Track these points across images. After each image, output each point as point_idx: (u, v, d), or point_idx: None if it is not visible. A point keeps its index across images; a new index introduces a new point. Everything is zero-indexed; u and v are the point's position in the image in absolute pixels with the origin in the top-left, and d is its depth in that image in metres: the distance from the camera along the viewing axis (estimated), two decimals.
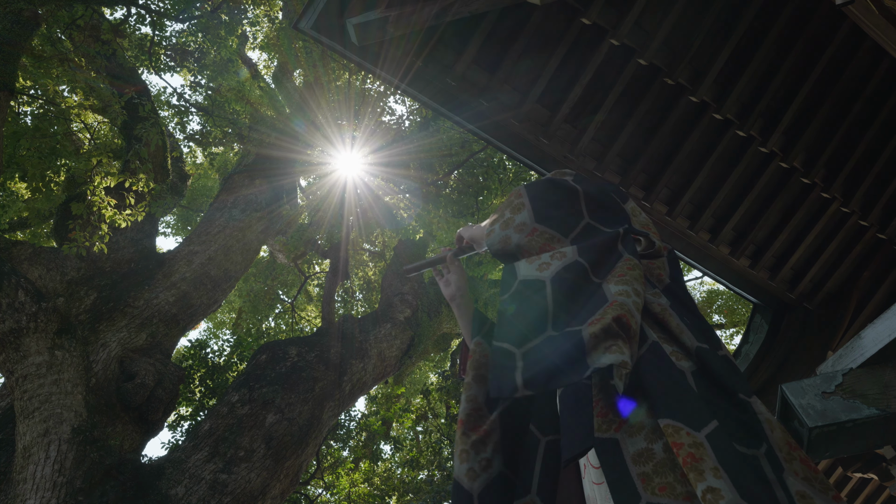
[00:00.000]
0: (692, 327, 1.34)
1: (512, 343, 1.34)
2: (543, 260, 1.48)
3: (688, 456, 1.08)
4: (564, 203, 1.62)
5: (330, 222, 11.28)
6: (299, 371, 7.08)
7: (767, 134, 4.05)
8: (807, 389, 2.25)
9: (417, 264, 1.96)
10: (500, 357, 1.32)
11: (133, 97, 8.44)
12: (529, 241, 1.54)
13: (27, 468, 4.69)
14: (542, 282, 1.43)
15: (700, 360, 1.26)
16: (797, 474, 1.12)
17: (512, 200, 1.66)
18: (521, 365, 1.27)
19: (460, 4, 2.99)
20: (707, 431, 1.12)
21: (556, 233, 1.55)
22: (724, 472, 1.05)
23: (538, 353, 1.28)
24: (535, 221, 1.57)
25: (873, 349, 2.23)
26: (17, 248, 6.67)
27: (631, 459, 1.18)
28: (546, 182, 1.69)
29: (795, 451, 1.17)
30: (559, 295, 1.38)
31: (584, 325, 1.27)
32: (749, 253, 4.54)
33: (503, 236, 1.59)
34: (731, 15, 3.72)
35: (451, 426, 10.70)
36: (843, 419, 2.13)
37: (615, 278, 1.38)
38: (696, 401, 1.17)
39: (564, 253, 1.47)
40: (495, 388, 1.27)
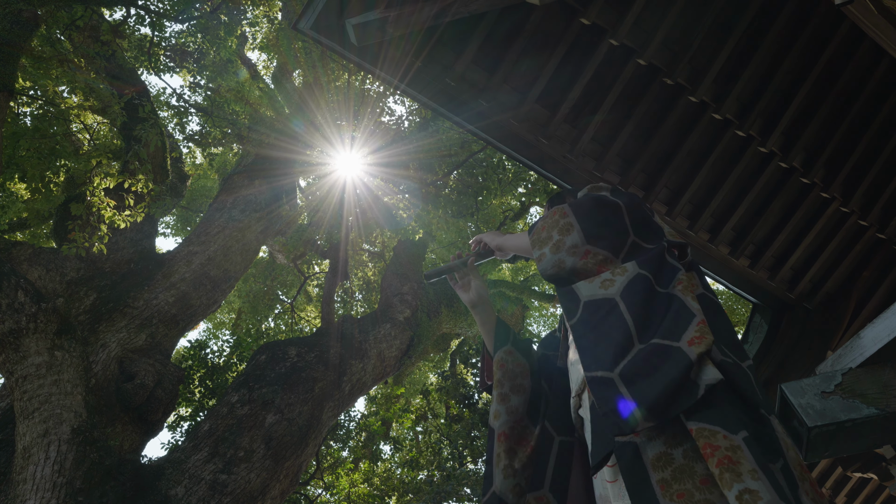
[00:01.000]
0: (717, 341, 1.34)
1: (605, 369, 1.31)
2: (605, 278, 1.47)
3: (724, 458, 1.08)
4: (611, 221, 1.61)
5: (329, 223, 11.28)
6: (299, 371, 7.08)
7: (767, 134, 4.05)
8: (806, 389, 2.25)
9: (438, 269, 1.92)
10: (600, 387, 1.29)
11: (133, 98, 8.44)
12: (584, 263, 1.52)
13: (27, 469, 4.69)
14: (612, 300, 1.41)
15: (725, 372, 1.25)
16: (807, 494, 1.13)
17: (558, 221, 1.62)
18: (625, 391, 1.25)
19: (459, 5, 2.99)
20: (744, 435, 1.12)
21: (608, 254, 1.53)
22: (763, 474, 1.06)
23: (637, 374, 1.26)
24: (587, 243, 1.55)
25: (873, 349, 2.23)
26: (16, 249, 6.67)
27: (650, 464, 1.18)
28: (591, 200, 1.67)
29: (806, 473, 1.19)
30: (634, 307, 1.37)
31: (682, 342, 1.26)
32: (748, 253, 4.54)
33: (556, 260, 1.56)
34: (731, 15, 3.72)
35: (451, 426, 10.70)
36: (843, 419, 2.13)
37: (689, 292, 1.38)
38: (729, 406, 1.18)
39: (625, 268, 1.46)
40: (615, 426, 1.23)
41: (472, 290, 1.87)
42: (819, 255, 4.64)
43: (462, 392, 10.30)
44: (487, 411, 9.93)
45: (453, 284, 1.93)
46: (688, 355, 1.22)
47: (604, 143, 3.99)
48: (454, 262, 1.91)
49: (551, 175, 3.99)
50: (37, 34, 7.76)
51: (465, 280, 1.90)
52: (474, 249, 1.94)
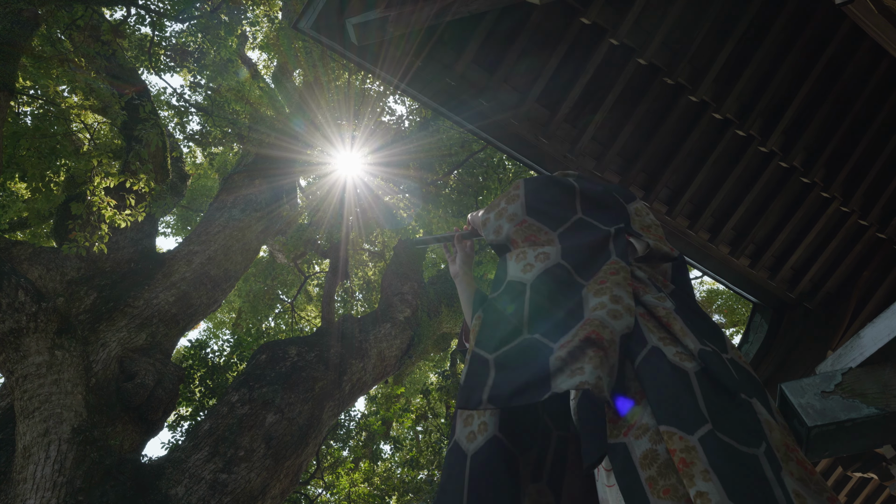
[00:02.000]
0: (696, 331, 1.35)
1: (487, 349, 1.37)
2: (528, 260, 1.51)
3: (680, 462, 1.10)
4: (559, 199, 1.66)
5: (330, 222, 11.28)
6: (299, 371, 7.08)
7: (767, 133, 4.05)
8: (806, 389, 2.25)
9: (427, 238, 2.12)
10: (474, 363, 1.36)
11: (133, 97, 8.44)
12: (517, 231, 1.59)
13: (27, 468, 4.69)
14: (523, 285, 1.46)
15: (703, 361, 1.27)
16: (792, 474, 1.13)
17: (510, 192, 1.71)
18: (491, 376, 1.31)
19: (460, 4, 2.99)
20: (701, 434, 1.13)
21: (543, 226, 1.59)
22: (714, 474, 1.07)
23: (508, 362, 1.32)
24: (526, 213, 1.61)
25: (873, 348, 2.23)
26: (17, 248, 6.67)
27: (639, 463, 1.20)
28: (545, 178, 1.75)
29: (792, 451, 1.19)
30: (538, 298, 1.41)
31: (556, 345, 1.30)
32: (749, 252, 4.54)
33: (497, 226, 1.64)
34: (731, 14, 3.72)
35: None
36: (843, 418, 2.13)
37: (595, 286, 1.40)
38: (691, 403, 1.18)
39: (548, 254, 1.50)
40: (462, 398, 1.31)
41: (458, 262, 1.97)
42: (819, 255, 4.64)
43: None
44: None
45: (447, 256, 2.05)
46: (548, 359, 1.27)
47: (604, 143, 3.99)
48: (441, 235, 2.06)
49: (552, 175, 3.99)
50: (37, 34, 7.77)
51: (454, 254, 2.00)
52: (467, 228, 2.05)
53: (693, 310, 1.46)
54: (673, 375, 1.23)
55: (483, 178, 10.20)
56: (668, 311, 1.37)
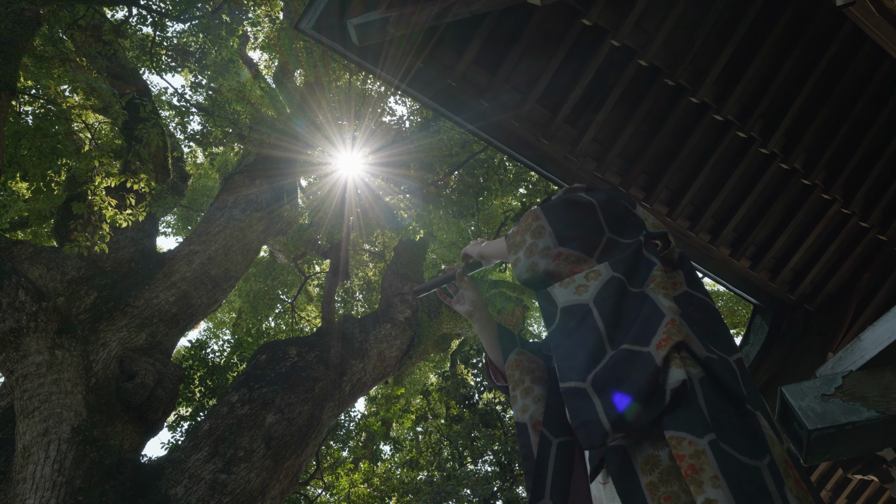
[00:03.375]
0: (702, 336, 1.34)
1: (577, 379, 1.32)
2: (579, 282, 1.46)
3: (689, 468, 1.08)
4: (583, 221, 1.60)
5: (330, 222, 11.28)
6: (299, 371, 7.08)
7: (768, 135, 4.04)
8: (806, 392, 2.24)
9: (426, 284, 1.92)
10: (573, 399, 1.30)
11: (134, 97, 8.44)
12: (557, 265, 1.52)
13: (27, 468, 4.69)
14: (585, 306, 1.41)
15: (708, 369, 1.25)
16: (791, 491, 1.12)
17: (530, 224, 1.62)
18: (598, 403, 1.25)
19: (461, 5, 2.99)
20: (710, 438, 1.12)
21: (581, 254, 1.53)
22: (724, 480, 1.05)
23: (607, 382, 1.27)
24: (559, 245, 1.54)
25: (873, 351, 2.22)
26: (17, 248, 6.67)
27: (640, 468, 1.18)
28: (562, 202, 1.67)
29: (791, 469, 1.18)
30: (607, 314, 1.37)
31: (651, 346, 1.26)
32: (749, 254, 4.54)
33: (530, 264, 1.56)
34: (732, 16, 3.71)
35: (452, 427, 10.69)
36: (843, 422, 2.12)
37: (661, 290, 1.37)
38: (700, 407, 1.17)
39: (598, 271, 1.45)
40: (585, 438, 1.24)
41: (467, 301, 1.87)
42: (820, 257, 4.63)
43: (462, 392, 10.30)
44: (488, 412, 9.93)
45: (446, 300, 1.93)
46: (654, 360, 1.22)
47: (605, 144, 3.99)
48: (442, 276, 1.91)
49: (552, 175, 3.99)
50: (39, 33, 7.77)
51: (459, 294, 1.90)
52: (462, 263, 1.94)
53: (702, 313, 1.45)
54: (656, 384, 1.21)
55: (484, 178, 10.19)
56: None
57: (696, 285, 1.53)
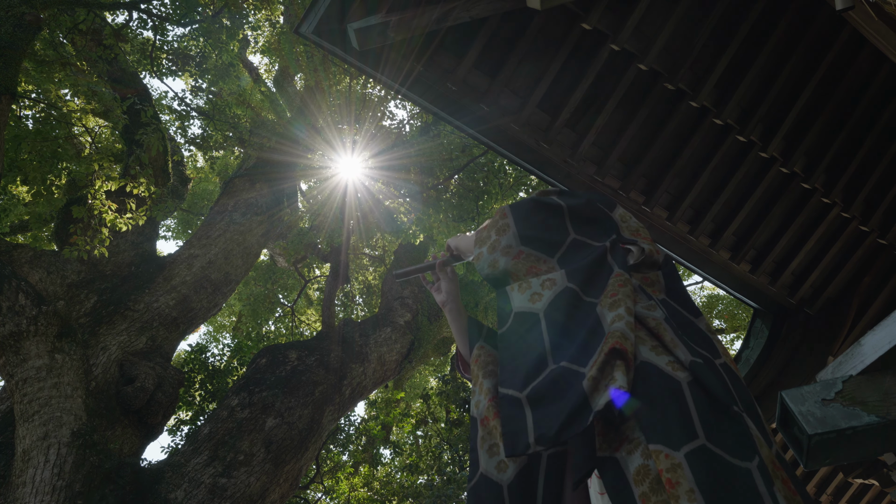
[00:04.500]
0: (687, 341, 1.34)
1: (515, 388, 1.35)
2: (535, 290, 1.48)
3: (667, 482, 1.09)
4: (549, 222, 1.62)
5: (330, 226, 11.28)
6: (299, 375, 7.08)
7: (768, 139, 4.05)
8: (806, 396, 2.24)
9: (407, 269, 1.97)
10: (508, 406, 1.33)
11: (134, 102, 8.45)
12: (516, 264, 1.55)
13: (26, 472, 4.68)
14: (535, 315, 1.43)
15: (693, 373, 1.26)
16: (780, 492, 1.12)
17: (497, 221, 1.65)
18: (529, 416, 1.29)
19: (461, 9, 3.00)
20: (688, 449, 1.12)
21: (541, 254, 1.55)
22: (699, 493, 1.06)
23: (544, 397, 1.30)
24: (521, 244, 1.57)
25: (873, 356, 2.22)
26: (17, 252, 6.67)
27: (633, 479, 1.19)
28: (530, 202, 1.69)
29: (778, 470, 1.18)
30: (555, 328, 1.39)
31: (587, 367, 1.28)
32: (749, 258, 4.54)
33: (491, 260, 1.59)
34: (732, 20, 3.72)
35: (452, 430, 10.68)
36: (843, 426, 2.12)
37: (608, 299, 1.38)
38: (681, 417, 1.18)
39: (554, 280, 1.47)
40: (509, 445, 1.28)
41: (443, 290, 1.90)
42: (820, 261, 4.63)
43: (462, 396, 10.28)
44: None
45: (427, 286, 1.97)
46: (583, 384, 1.25)
47: (605, 148, 3.99)
48: (423, 263, 1.95)
49: (552, 180, 3.99)
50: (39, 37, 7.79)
51: (438, 283, 1.93)
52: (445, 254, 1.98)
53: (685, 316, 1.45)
54: (663, 387, 1.22)
55: (484, 182, 10.20)
56: (657, 322, 1.36)
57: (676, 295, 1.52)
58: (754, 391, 4.63)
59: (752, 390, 4.63)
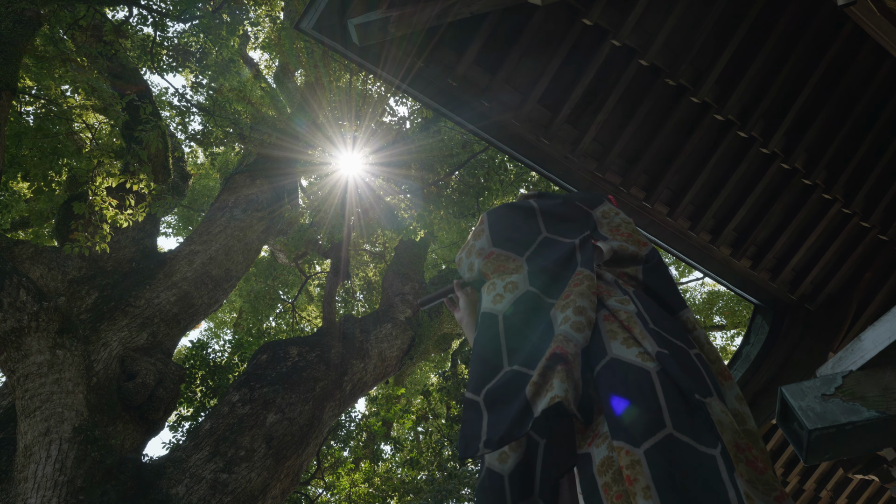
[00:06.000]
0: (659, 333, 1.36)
1: (475, 391, 1.37)
2: (497, 291, 1.52)
3: (626, 478, 1.12)
4: (520, 224, 1.68)
5: (331, 222, 11.29)
6: (300, 371, 7.09)
7: (769, 135, 4.05)
8: (806, 391, 2.25)
9: (429, 297, 2.00)
10: (467, 410, 1.35)
11: (134, 98, 8.45)
12: (486, 263, 1.61)
13: (28, 467, 4.70)
14: (495, 317, 1.46)
15: (660, 363, 1.28)
16: (742, 476, 1.14)
17: (476, 227, 1.73)
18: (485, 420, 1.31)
19: (461, 5, 2.99)
20: (648, 445, 1.15)
21: (510, 253, 1.60)
22: (655, 490, 1.08)
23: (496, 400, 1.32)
24: (493, 245, 1.63)
25: (873, 351, 2.22)
26: (18, 248, 6.68)
27: (597, 470, 1.22)
28: (505, 207, 1.76)
29: (743, 452, 1.20)
30: (511, 328, 1.42)
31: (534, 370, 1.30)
32: (750, 254, 4.54)
33: (468, 263, 1.66)
34: (733, 16, 3.71)
35: (452, 427, 10.70)
36: (843, 421, 2.13)
37: (562, 301, 1.41)
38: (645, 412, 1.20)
39: (516, 283, 1.51)
40: (462, 448, 1.31)
41: (461, 308, 1.91)
42: (821, 257, 4.63)
43: (463, 392, 10.29)
44: None
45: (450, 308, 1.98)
46: (525, 390, 1.27)
47: (605, 144, 3.99)
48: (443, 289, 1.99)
49: (553, 176, 3.99)
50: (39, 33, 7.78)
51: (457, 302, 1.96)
52: None
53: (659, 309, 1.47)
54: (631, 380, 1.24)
55: (484, 178, 10.20)
56: (629, 315, 1.39)
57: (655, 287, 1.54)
58: (755, 387, 4.64)
59: (752, 386, 4.64)
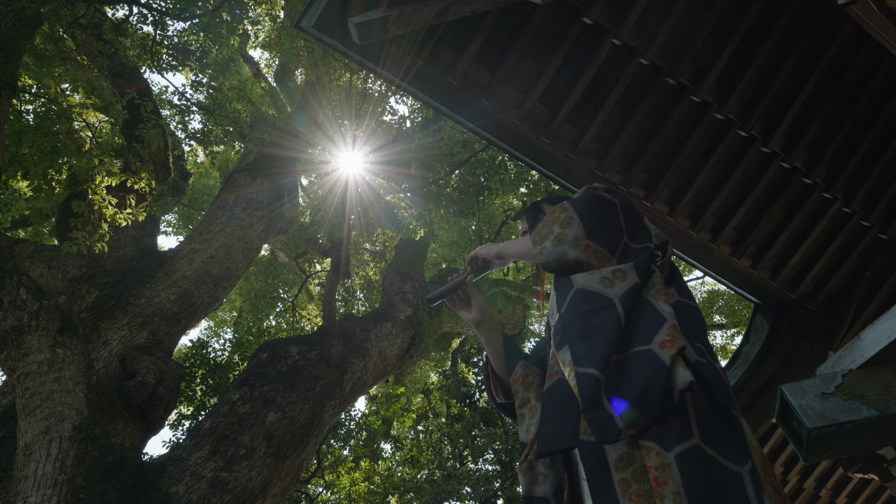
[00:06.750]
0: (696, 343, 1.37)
1: (597, 367, 1.31)
2: (604, 275, 1.49)
3: (654, 480, 1.12)
4: (608, 218, 1.65)
5: (331, 221, 11.28)
6: (300, 370, 7.09)
7: (769, 134, 4.04)
8: (806, 390, 2.25)
9: (439, 292, 1.87)
10: (589, 385, 1.28)
11: (135, 97, 8.44)
12: (587, 257, 1.56)
13: (28, 466, 4.70)
14: (609, 299, 1.43)
15: (697, 373, 1.28)
16: (770, 498, 1.14)
17: (558, 216, 1.65)
18: (612, 401, 1.26)
19: (462, 3, 2.99)
20: (679, 450, 1.14)
21: (605, 251, 1.57)
22: (686, 495, 1.08)
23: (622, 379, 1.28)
24: (587, 237, 1.58)
25: (873, 350, 2.22)
26: (18, 247, 6.68)
27: (613, 465, 1.21)
28: (589, 197, 1.70)
29: (769, 476, 1.20)
30: (628, 315, 1.40)
31: (654, 344, 1.28)
32: (750, 253, 4.54)
33: (558, 252, 1.58)
34: (733, 15, 3.71)
35: (453, 425, 10.70)
36: (843, 420, 2.13)
37: (661, 296, 1.42)
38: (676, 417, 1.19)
39: (625, 272, 1.49)
40: (598, 431, 1.23)
41: (474, 308, 1.84)
42: (821, 256, 4.63)
43: (463, 391, 10.30)
44: (488, 410, 9.93)
45: (454, 307, 1.89)
46: (661, 359, 1.25)
47: (606, 143, 3.99)
48: (453, 282, 1.86)
49: (553, 174, 3.99)
50: (39, 32, 7.77)
51: (466, 299, 1.86)
52: (469, 267, 1.91)
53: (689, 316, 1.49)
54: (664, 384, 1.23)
55: (485, 177, 10.20)
56: None
57: (686, 295, 1.57)
58: (755, 386, 4.64)
59: (752, 385, 4.64)
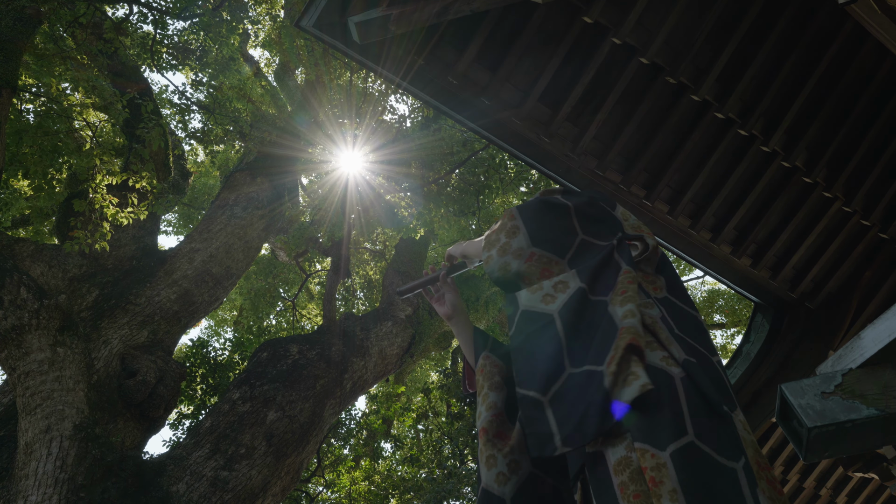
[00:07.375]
0: (684, 339, 1.36)
1: (536, 390, 1.34)
2: (546, 291, 1.47)
3: (650, 480, 1.11)
4: (558, 222, 1.61)
5: (331, 220, 11.28)
6: (300, 369, 7.09)
7: (769, 133, 4.04)
8: (806, 389, 2.25)
9: (410, 285, 1.91)
10: (529, 408, 1.33)
11: (135, 96, 8.44)
12: (529, 266, 1.53)
13: (29, 464, 4.70)
14: (549, 315, 1.42)
15: (686, 371, 1.27)
16: (764, 492, 1.14)
17: (506, 224, 1.63)
18: (552, 418, 1.29)
19: (462, 3, 2.99)
20: (673, 448, 1.14)
21: (553, 255, 1.54)
22: (682, 494, 1.08)
23: (565, 400, 1.30)
24: (532, 245, 1.55)
25: (873, 349, 2.22)
26: (19, 246, 6.68)
27: (613, 469, 1.21)
28: (538, 203, 1.68)
29: (763, 471, 1.20)
30: (570, 328, 1.39)
31: (604, 365, 1.28)
32: (750, 252, 4.54)
33: (502, 263, 1.56)
34: (734, 14, 3.71)
35: (453, 424, 10.71)
36: (843, 419, 2.13)
37: (619, 297, 1.38)
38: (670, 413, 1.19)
39: (567, 283, 1.46)
40: (535, 447, 1.28)
41: (447, 303, 1.86)
42: (821, 255, 4.63)
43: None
44: None
45: (429, 298, 1.91)
46: (603, 381, 1.25)
47: (606, 142, 3.99)
48: (426, 277, 1.89)
49: (553, 174, 3.99)
50: (40, 31, 7.77)
51: (440, 294, 1.89)
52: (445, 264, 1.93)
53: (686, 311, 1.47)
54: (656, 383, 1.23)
55: (485, 177, 10.20)
56: (653, 319, 1.37)
57: (677, 291, 1.54)
58: (755, 385, 4.64)
59: (752, 384, 4.65)
